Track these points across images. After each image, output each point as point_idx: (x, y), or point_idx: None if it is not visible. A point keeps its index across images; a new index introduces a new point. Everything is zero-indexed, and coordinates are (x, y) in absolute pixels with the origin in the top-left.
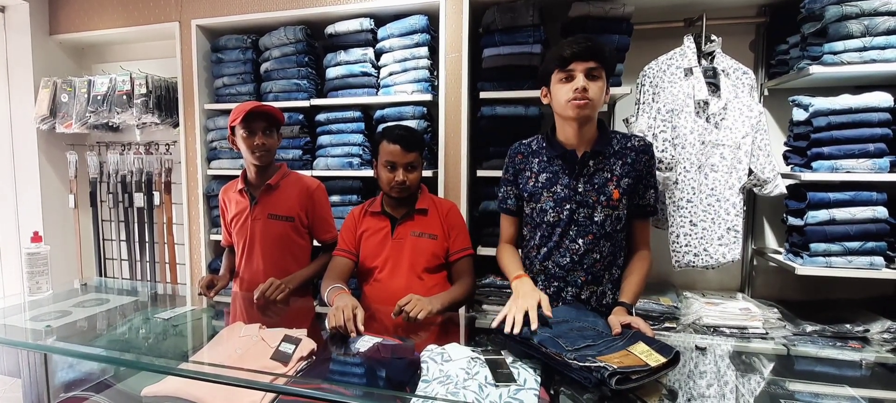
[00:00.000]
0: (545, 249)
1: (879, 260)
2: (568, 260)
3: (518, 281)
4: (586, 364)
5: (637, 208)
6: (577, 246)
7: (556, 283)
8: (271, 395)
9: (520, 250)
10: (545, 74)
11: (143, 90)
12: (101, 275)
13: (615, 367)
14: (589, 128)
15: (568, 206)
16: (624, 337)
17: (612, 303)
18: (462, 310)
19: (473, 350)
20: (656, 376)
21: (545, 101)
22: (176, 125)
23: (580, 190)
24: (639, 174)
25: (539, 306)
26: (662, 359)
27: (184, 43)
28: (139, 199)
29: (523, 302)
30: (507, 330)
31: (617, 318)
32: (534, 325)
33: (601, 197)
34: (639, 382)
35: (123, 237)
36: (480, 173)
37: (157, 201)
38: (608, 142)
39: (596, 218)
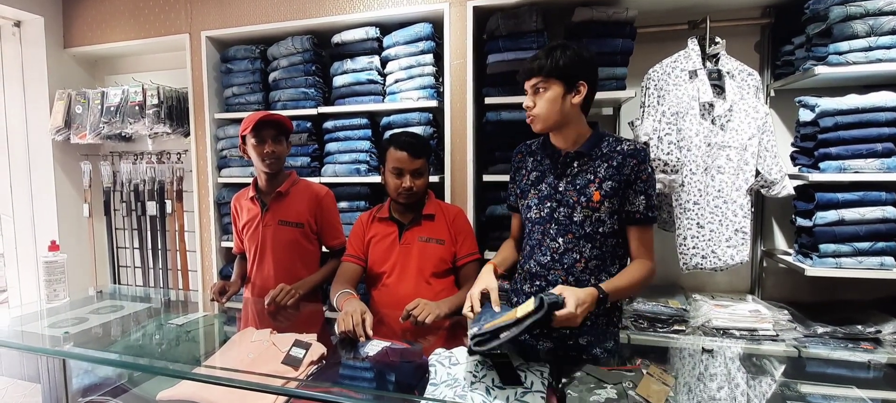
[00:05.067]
0: (529, 247)
1: (890, 260)
2: (548, 258)
3: (484, 267)
4: (471, 331)
5: (627, 214)
6: (556, 245)
7: (537, 282)
8: (283, 399)
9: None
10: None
11: (155, 101)
12: (114, 282)
13: (478, 330)
14: (576, 132)
15: (549, 204)
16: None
17: (600, 313)
18: None
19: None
20: (522, 326)
21: None
22: (187, 134)
23: (561, 189)
24: (626, 178)
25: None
26: (530, 308)
27: (194, 54)
28: (151, 208)
29: (475, 289)
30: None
31: (562, 289)
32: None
33: (581, 197)
34: (503, 340)
35: (136, 245)
36: (486, 178)
37: (169, 209)
38: (596, 145)
39: (575, 218)
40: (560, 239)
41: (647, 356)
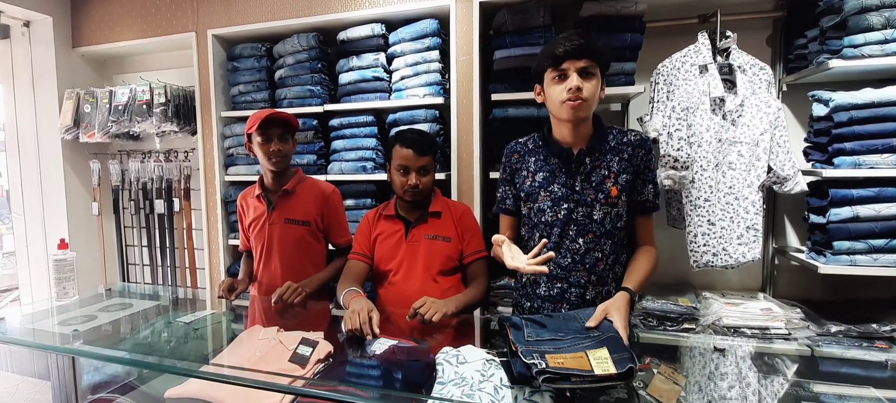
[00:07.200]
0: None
1: None
2: (569, 260)
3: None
4: (531, 359)
5: (637, 204)
6: (577, 246)
7: (559, 285)
8: (290, 397)
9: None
10: (538, 72)
11: (162, 99)
12: (123, 280)
13: (547, 366)
14: (584, 126)
15: (566, 205)
16: (595, 339)
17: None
18: (477, 312)
19: (488, 352)
20: (601, 385)
21: (539, 100)
22: (194, 133)
23: (577, 188)
24: (637, 169)
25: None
26: (612, 371)
27: (200, 52)
28: (159, 206)
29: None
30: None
31: (604, 308)
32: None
33: (599, 194)
34: (576, 385)
35: (145, 242)
36: (493, 175)
37: (176, 207)
38: (604, 139)
39: (595, 217)
40: (581, 240)
41: (657, 355)
